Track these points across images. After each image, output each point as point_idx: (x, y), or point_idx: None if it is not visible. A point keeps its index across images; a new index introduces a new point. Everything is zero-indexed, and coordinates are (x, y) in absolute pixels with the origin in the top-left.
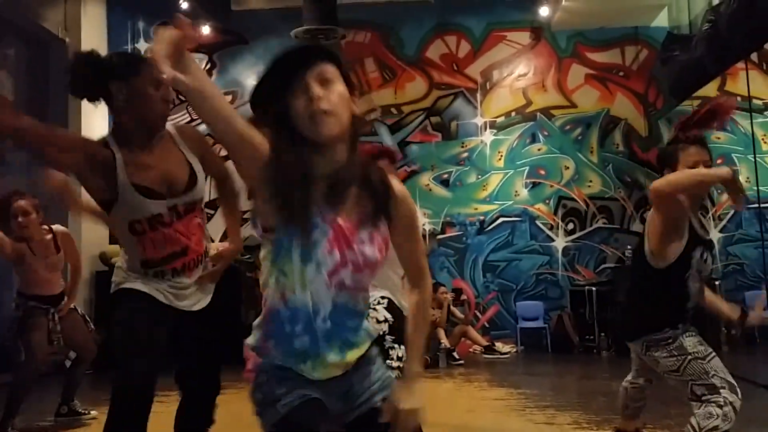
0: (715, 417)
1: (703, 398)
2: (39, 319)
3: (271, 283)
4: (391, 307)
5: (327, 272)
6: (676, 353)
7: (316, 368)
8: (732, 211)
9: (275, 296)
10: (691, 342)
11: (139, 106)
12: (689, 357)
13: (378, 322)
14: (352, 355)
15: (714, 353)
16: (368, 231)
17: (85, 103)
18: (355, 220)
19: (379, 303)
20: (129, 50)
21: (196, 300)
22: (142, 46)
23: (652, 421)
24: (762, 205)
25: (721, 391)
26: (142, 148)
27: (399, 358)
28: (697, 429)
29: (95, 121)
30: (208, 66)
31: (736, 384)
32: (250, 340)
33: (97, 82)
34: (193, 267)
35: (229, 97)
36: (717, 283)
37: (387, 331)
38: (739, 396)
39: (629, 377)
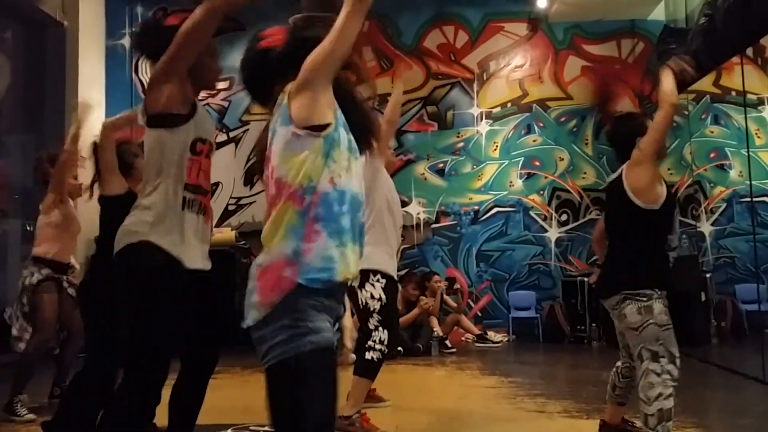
0: (655, 385)
1: (643, 364)
2: (52, 292)
3: (320, 172)
4: (388, 287)
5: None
6: (643, 312)
7: (354, 252)
8: (724, 205)
9: (325, 181)
10: (659, 308)
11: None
12: (651, 320)
13: (372, 297)
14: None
15: (671, 326)
16: None
17: (82, 87)
18: None
19: (378, 281)
20: (127, 34)
21: (204, 258)
22: None
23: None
24: (754, 199)
25: (661, 359)
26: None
27: (381, 341)
28: (646, 400)
29: (92, 103)
30: None
31: (678, 356)
32: (286, 249)
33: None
34: (209, 213)
35: (226, 83)
36: (708, 275)
37: (377, 309)
38: (677, 365)
39: (619, 363)
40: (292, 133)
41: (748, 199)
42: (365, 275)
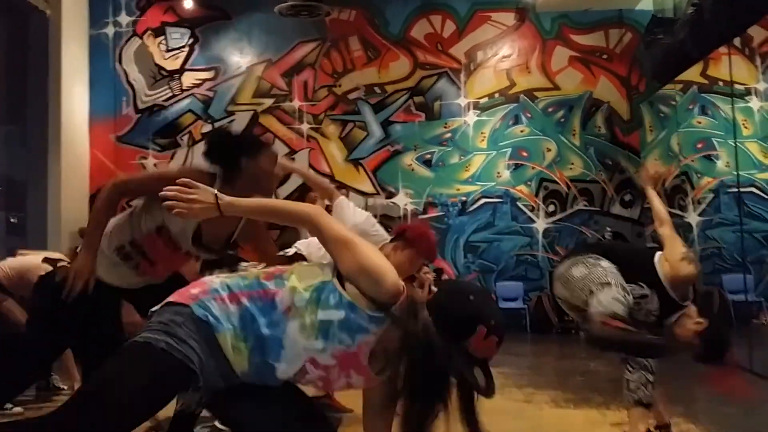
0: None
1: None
2: None
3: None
4: None
5: None
6: None
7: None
8: (711, 196)
9: None
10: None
11: (257, 181)
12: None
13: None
14: None
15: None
16: None
17: (65, 77)
18: None
19: None
20: (110, 22)
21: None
22: (123, 19)
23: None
24: (741, 190)
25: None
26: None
27: None
28: (631, 369)
29: (75, 93)
30: (191, 41)
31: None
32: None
33: (229, 155)
34: None
35: (212, 73)
36: None
37: None
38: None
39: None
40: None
41: (735, 190)
42: None
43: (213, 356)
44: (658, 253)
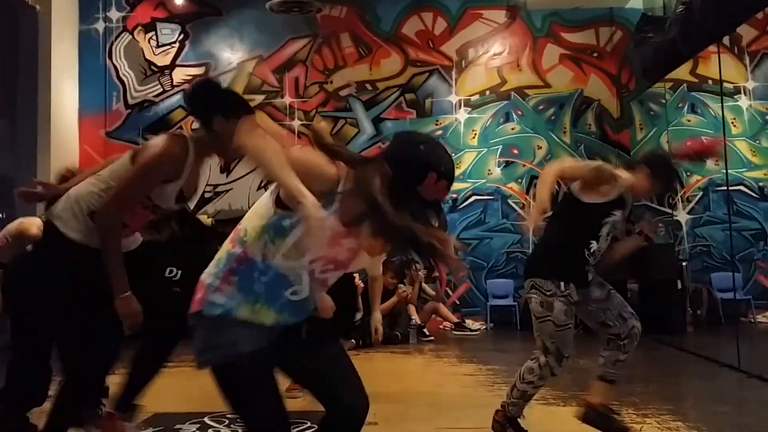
0: (534, 372)
1: (535, 351)
2: None
3: (257, 242)
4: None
5: None
6: (544, 306)
7: (264, 314)
8: (700, 194)
9: (257, 250)
10: (558, 307)
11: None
12: (549, 317)
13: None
14: None
15: (570, 327)
16: None
17: (55, 72)
18: None
19: None
20: (101, 18)
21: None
22: (113, 15)
23: (618, 398)
24: (730, 188)
25: (548, 356)
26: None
27: None
28: (520, 377)
29: (65, 89)
30: (181, 37)
31: (565, 357)
32: (206, 277)
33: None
34: None
35: (202, 69)
36: (684, 264)
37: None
38: (561, 365)
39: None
40: (273, 191)
41: (724, 188)
42: None
43: (248, 328)
44: None
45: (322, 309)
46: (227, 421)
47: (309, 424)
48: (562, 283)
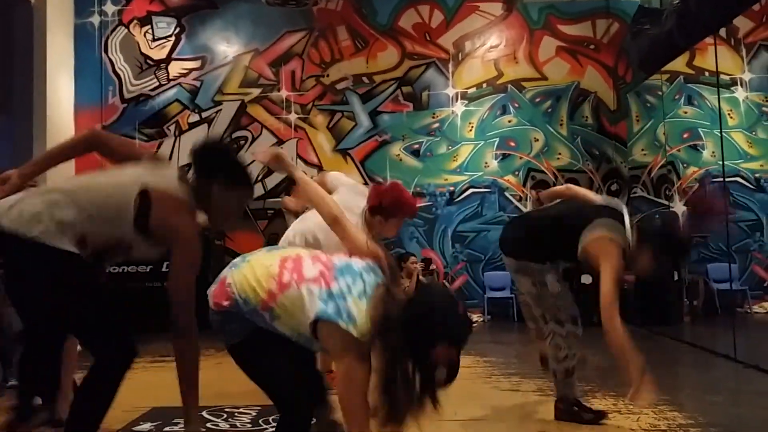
0: (562, 349)
1: (549, 326)
2: None
3: None
4: None
5: None
6: (538, 286)
7: None
8: (697, 185)
9: None
10: (551, 278)
11: (218, 213)
12: (547, 292)
13: None
14: None
15: (566, 290)
16: None
17: (50, 66)
18: None
19: None
20: (96, 11)
21: None
22: (109, 8)
23: (615, 388)
24: (726, 179)
25: (565, 324)
26: None
27: None
28: (555, 359)
29: (60, 83)
30: (177, 30)
31: (578, 315)
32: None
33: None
34: None
35: (198, 63)
36: None
37: None
38: (579, 325)
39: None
40: None
41: (721, 179)
42: None
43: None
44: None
45: None
46: (225, 415)
47: None
48: (548, 262)
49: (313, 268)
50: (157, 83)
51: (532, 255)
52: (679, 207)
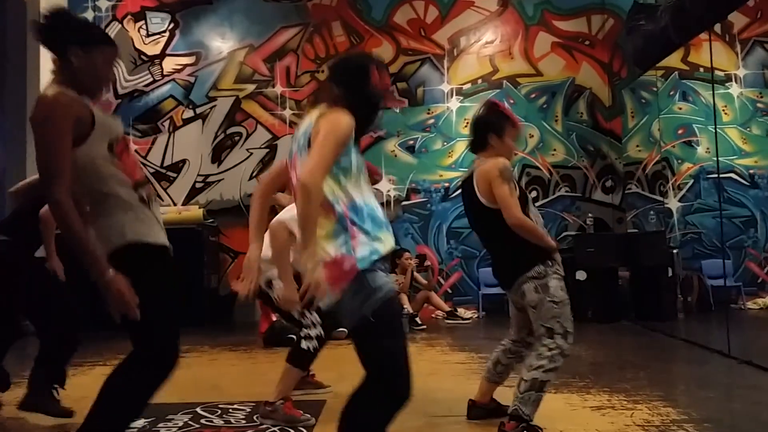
0: (544, 357)
1: (538, 338)
2: None
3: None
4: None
5: None
6: (540, 290)
7: (386, 236)
8: (691, 181)
9: (344, 196)
10: (554, 284)
11: (84, 79)
12: (548, 298)
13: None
14: None
15: (568, 301)
16: None
17: (44, 63)
18: None
19: None
20: (90, 7)
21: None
22: (102, 4)
23: (609, 384)
24: (721, 176)
25: (555, 336)
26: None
27: (314, 324)
28: (528, 367)
29: None
30: (171, 26)
31: (571, 332)
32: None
33: (58, 39)
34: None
35: (193, 58)
36: (675, 251)
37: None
38: (569, 341)
39: (506, 340)
40: None
41: (715, 176)
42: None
43: (382, 264)
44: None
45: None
46: (219, 411)
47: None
48: (548, 261)
49: None
50: (152, 79)
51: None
52: (673, 203)
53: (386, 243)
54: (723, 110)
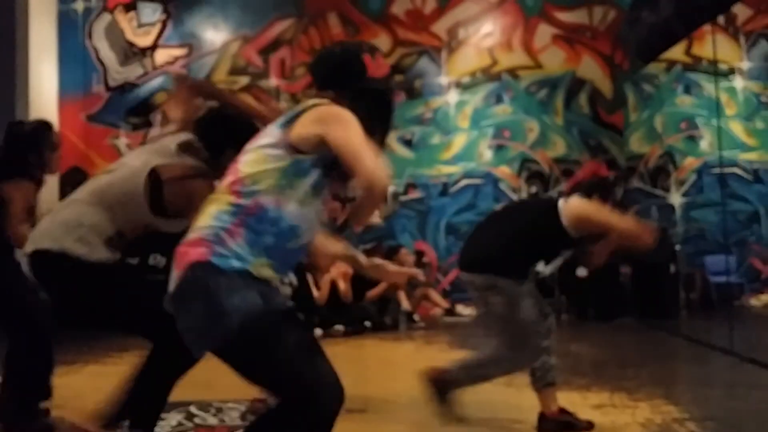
0: (498, 365)
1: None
2: None
3: (273, 188)
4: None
5: None
6: (508, 307)
7: (264, 269)
8: (694, 177)
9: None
10: (527, 305)
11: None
12: (518, 317)
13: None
14: None
15: (540, 321)
16: None
17: (33, 54)
18: None
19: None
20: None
21: None
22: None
23: (610, 382)
24: (724, 170)
25: (515, 351)
26: None
27: None
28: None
29: (43, 71)
30: (163, 17)
31: (543, 347)
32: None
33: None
34: None
35: (185, 50)
36: (678, 248)
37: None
38: (537, 359)
39: None
40: (280, 140)
41: (718, 170)
42: None
43: (258, 285)
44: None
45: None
46: (213, 410)
47: None
48: (522, 281)
49: None
50: (143, 71)
51: (510, 264)
52: (676, 198)
53: (259, 269)
54: (726, 103)
